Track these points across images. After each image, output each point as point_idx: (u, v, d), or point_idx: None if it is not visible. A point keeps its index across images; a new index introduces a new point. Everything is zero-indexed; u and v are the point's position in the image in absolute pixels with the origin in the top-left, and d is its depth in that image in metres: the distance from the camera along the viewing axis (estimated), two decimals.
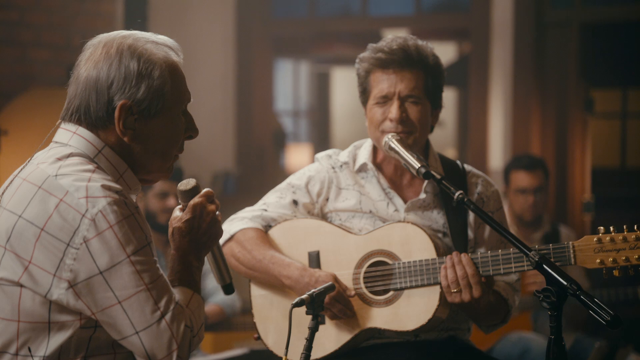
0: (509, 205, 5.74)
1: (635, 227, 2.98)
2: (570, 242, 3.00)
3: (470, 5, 7.28)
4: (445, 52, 10.82)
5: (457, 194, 2.91)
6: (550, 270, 2.62)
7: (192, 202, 2.43)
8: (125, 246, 2.22)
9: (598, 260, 2.97)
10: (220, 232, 2.46)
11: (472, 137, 7.29)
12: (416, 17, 7.67)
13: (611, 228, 2.99)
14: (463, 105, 11.04)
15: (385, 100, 3.19)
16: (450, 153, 11.10)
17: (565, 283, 2.58)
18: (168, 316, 2.24)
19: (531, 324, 5.52)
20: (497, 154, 7.09)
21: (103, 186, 2.24)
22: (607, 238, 2.98)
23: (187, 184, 2.46)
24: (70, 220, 2.21)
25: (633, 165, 8.24)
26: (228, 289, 2.56)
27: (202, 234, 2.42)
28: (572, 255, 3.00)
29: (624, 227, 2.98)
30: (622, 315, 2.56)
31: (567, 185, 7.02)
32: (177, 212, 2.46)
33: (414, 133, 3.20)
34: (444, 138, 11.53)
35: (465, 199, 2.90)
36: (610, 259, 2.97)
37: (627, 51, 7.76)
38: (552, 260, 2.98)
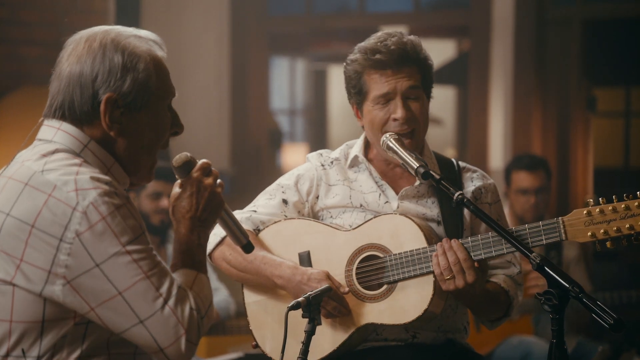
0: (510, 206, 5.74)
1: (625, 196, 2.97)
2: (560, 218, 2.99)
3: (470, 2, 7.28)
4: (445, 50, 10.82)
5: (456, 195, 2.92)
6: (551, 273, 2.62)
7: (187, 178, 2.42)
8: (119, 237, 2.22)
9: (589, 234, 2.95)
10: (221, 205, 2.44)
11: (471, 137, 7.29)
12: (415, 13, 7.67)
13: (600, 200, 2.97)
14: (462, 104, 11.04)
15: (386, 99, 3.20)
16: (450, 153, 11.09)
17: (567, 285, 2.58)
18: (171, 302, 2.24)
19: (532, 328, 5.52)
20: (497, 154, 7.09)
21: (92, 178, 2.24)
22: (597, 210, 2.95)
23: (180, 158, 2.42)
24: (61, 215, 2.21)
25: (636, 165, 8.25)
26: (247, 247, 2.53)
27: (201, 211, 2.40)
28: (562, 231, 2.98)
29: (613, 197, 2.96)
30: (626, 319, 2.56)
31: (569, 185, 7.02)
32: (175, 189, 2.44)
33: (417, 130, 3.22)
34: (442, 138, 11.53)
35: (465, 200, 2.91)
36: (602, 231, 2.94)
37: (631, 49, 7.76)
38: (543, 237, 2.99)
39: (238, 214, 3.33)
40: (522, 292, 3.28)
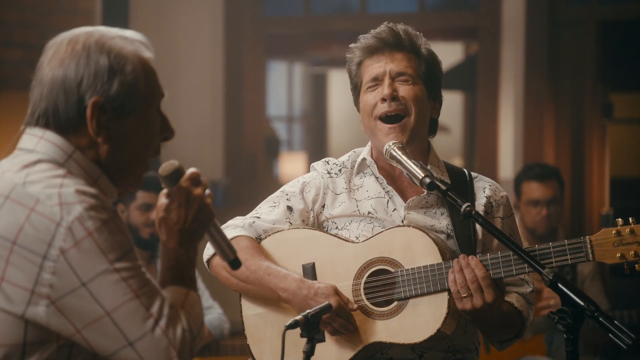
0: (521, 218, 5.73)
1: None
2: (587, 237, 3.00)
3: (479, 3, 7.29)
4: (452, 53, 10.83)
5: (464, 207, 2.91)
6: (565, 290, 2.61)
7: (175, 188, 2.41)
8: (107, 254, 2.21)
9: (618, 255, 2.96)
10: (211, 216, 2.43)
11: (480, 145, 7.29)
12: (420, 15, 7.68)
13: (630, 219, 2.98)
14: (470, 111, 11.04)
15: (376, 83, 3.24)
16: (457, 162, 11.09)
17: (582, 303, 2.57)
18: (162, 322, 2.23)
19: (545, 348, 5.51)
20: (507, 163, 7.09)
21: (77, 191, 2.23)
22: (627, 230, 2.97)
23: (168, 167, 2.41)
24: (44, 231, 2.20)
25: None
26: (234, 264, 2.52)
27: (190, 223, 2.39)
28: (590, 251, 2.99)
29: None
30: None
31: (584, 196, 7.02)
32: (162, 200, 2.43)
33: (409, 114, 3.21)
34: (449, 146, 11.53)
35: (473, 212, 2.90)
36: (632, 252, 2.95)
37: None
38: (568, 257, 2.99)
39: (240, 221, 3.33)
40: (533, 312, 3.28)
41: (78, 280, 2.19)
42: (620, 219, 2.98)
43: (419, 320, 3.12)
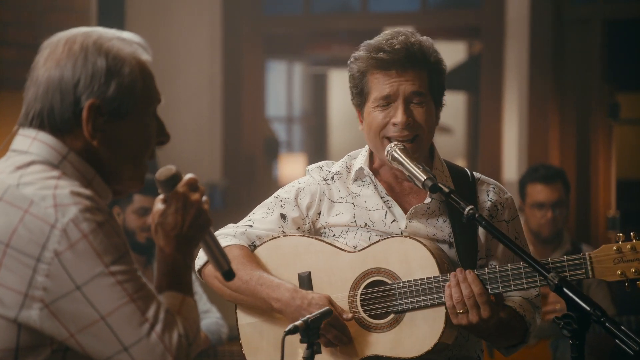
0: (525, 221, 5.72)
1: None
2: (587, 253, 3.00)
3: (482, 1, 7.28)
4: (455, 53, 10.83)
5: (467, 210, 2.90)
6: (571, 294, 2.61)
7: (172, 194, 2.41)
8: (102, 256, 2.20)
9: (619, 272, 2.95)
10: (208, 222, 2.43)
11: (483, 146, 7.28)
12: (422, 13, 7.67)
13: (632, 234, 2.97)
14: (474, 111, 11.03)
15: (387, 102, 3.18)
16: (460, 164, 11.02)
17: (588, 308, 2.57)
18: (158, 327, 2.23)
19: (550, 354, 5.50)
20: (511, 165, 7.09)
21: (72, 192, 2.23)
22: (628, 246, 2.96)
23: (165, 172, 2.41)
24: (38, 233, 2.19)
25: None
26: (228, 275, 2.51)
27: (187, 229, 2.39)
28: (589, 268, 2.99)
29: None
30: None
31: (590, 198, 7.01)
32: (158, 205, 2.43)
33: (421, 137, 3.19)
34: (452, 147, 11.53)
35: (477, 215, 2.89)
36: (633, 270, 2.95)
37: None
38: (567, 273, 2.99)
39: (232, 228, 3.32)
40: (540, 316, 3.27)
41: (72, 284, 2.19)
42: (621, 234, 2.97)
43: (416, 334, 3.11)
